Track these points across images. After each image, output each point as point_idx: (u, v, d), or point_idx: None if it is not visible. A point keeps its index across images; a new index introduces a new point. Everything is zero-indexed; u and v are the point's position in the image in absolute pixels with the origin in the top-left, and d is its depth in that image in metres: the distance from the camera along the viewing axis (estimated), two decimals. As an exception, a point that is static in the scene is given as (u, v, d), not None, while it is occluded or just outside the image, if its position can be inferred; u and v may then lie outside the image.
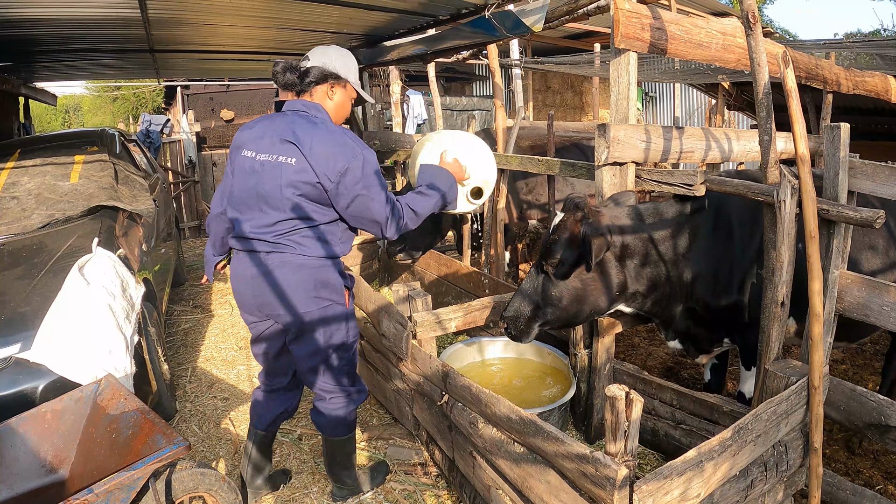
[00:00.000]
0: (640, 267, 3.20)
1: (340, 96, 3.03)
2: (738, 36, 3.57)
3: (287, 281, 2.91)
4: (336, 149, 2.80)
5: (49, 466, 2.85)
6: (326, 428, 3.25)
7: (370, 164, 2.86)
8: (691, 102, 14.96)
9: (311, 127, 2.86)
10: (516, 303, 3.21)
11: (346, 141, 2.85)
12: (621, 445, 2.12)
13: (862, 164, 2.80)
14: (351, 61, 3.03)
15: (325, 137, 2.83)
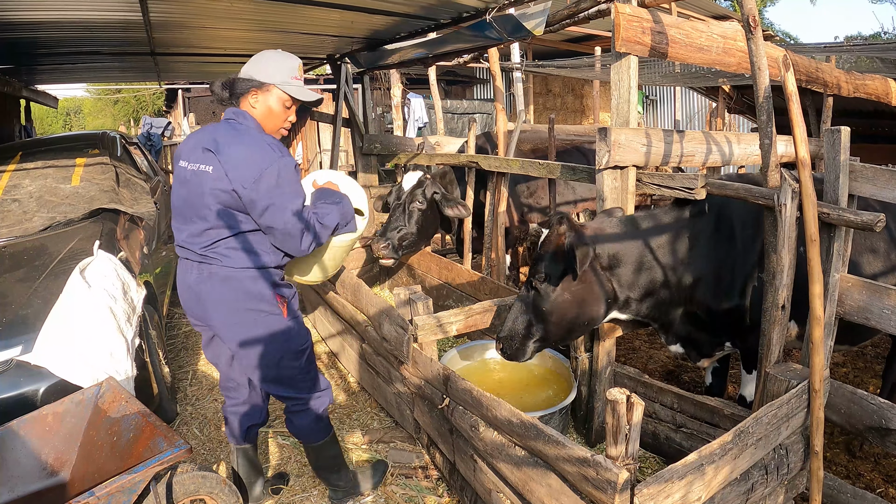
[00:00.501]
0: (633, 274, 3.20)
1: (263, 103, 2.90)
2: (739, 39, 3.57)
3: (215, 294, 2.89)
4: (250, 155, 2.74)
5: (50, 469, 2.85)
6: (301, 435, 3.25)
7: (286, 171, 2.76)
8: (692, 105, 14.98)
9: (231, 134, 2.81)
10: (510, 322, 3.19)
11: (263, 147, 2.77)
12: (622, 449, 2.13)
13: (862, 168, 2.81)
14: (276, 64, 2.90)
15: (241, 144, 2.78)
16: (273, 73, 2.87)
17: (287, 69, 2.90)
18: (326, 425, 3.26)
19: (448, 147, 7.22)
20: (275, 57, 2.91)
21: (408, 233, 5.37)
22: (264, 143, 2.80)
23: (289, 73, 2.90)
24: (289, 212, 2.75)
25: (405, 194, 5.43)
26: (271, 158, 2.73)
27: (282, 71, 2.88)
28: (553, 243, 3.08)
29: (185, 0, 4.05)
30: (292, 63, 2.92)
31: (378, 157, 7.08)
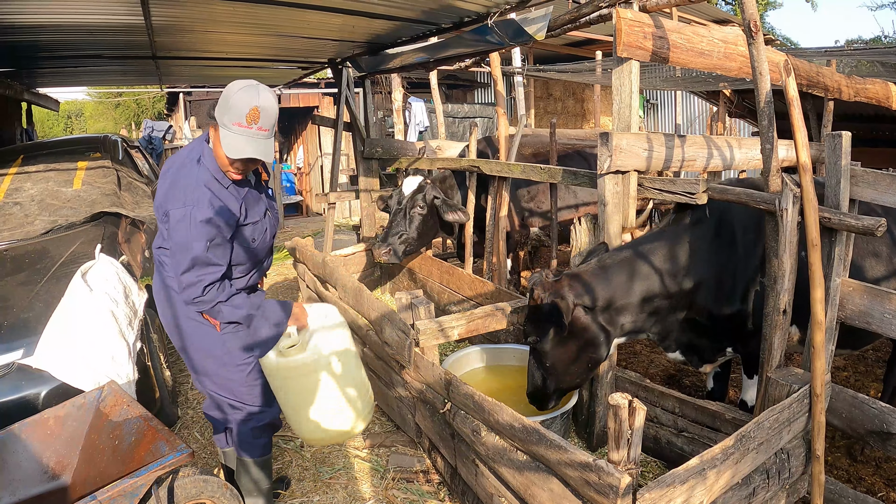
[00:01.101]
0: (623, 307, 3.23)
1: (213, 138, 2.72)
2: (740, 44, 3.58)
3: (159, 299, 2.98)
4: (172, 179, 2.75)
5: (51, 473, 2.85)
6: (236, 444, 3.17)
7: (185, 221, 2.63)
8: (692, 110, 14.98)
9: (182, 160, 2.81)
10: (530, 380, 3.34)
11: (182, 187, 2.69)
12: (624, 453, 2.13)
13: (863, 173, 2.81)
14: (229, 101, 2.62)
15: (176, 175, 2.77)
16: (220, 112, 2.65)
17: (231, 112, 2.61)
18: (265, 444, 3.17)
19: (449, 151, 7.24)
20: (227, 94, 2.64)
21: (408, 237, 5.39)
22: (190, 179, 2.69)
23: (233, 118, 2.60)
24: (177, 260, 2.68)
25: (406, 199, 5.44)
26: (183, 200, 2.65)
27: (228, 112, 2.61)
28: (533, 309, 3.19)
29: (187, 4, 4.06)
30: (241, 105, 2.60)
31: (379, 161, 7.09)
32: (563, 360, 3.19)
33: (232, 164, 2.69)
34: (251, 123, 2.61)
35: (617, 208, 3.41)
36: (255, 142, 2.65)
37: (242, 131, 2.61)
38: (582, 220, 3.76)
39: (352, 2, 4.17)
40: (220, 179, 2.74)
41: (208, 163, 2.73)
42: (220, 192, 2.73)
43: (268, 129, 2.69)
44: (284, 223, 13.78)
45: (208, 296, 2.69)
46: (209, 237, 2.64)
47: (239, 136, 2.61)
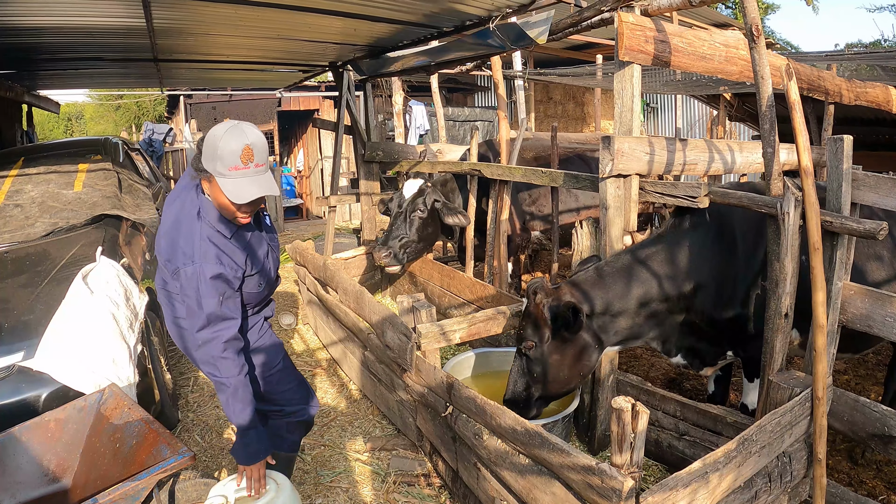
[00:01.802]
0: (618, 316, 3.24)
1: (210, 191, 2.61)
2: (741, 48, 3.58)
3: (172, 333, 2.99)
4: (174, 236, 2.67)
5: (52, 475, 2.85)
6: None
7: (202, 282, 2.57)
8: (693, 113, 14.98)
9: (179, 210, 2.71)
10: (511, 386, 3.30)
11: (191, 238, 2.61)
12: (627, 457, 2.12)
13: (865, 176, 2.82)
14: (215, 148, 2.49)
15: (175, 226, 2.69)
16: (209, 161, 2.52)
17: (224, 158, 2.47)
18: (294, 442, 3.28)
19: (450, 155, 7.23)
20: (213, 140, 2.50)
21: (409, 241, 5.39)
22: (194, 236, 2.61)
23: (227, 164, 2.48)
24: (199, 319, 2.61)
25: (406, 202, 5.45)
26: (190, 258, 2.59)
27: (220, 160, 2.48)
28: (532, 314, 3.18)
29: (188, 7, 4.06)
30: (231, 149, 2.47)
31: (380, 165, 7.09)
32: (557, 368, 3.18)
33: (239, 209, 2.58)
34: (248, 163, 2.49)
35: (619, 212, 3.41)
36: (258, 179, 2.54)
37: (242, 174, 2.49)
38: (583, 224, 3.77)
39: (354, 5, 4.18)
40: (223, 231, 2.66)
41: (209, 216, 2.64)
42: (226, 245, 2.66)
43: (264, 163, 2.57)
44: (284, 227, 13.78)
45: (228, 353, 2.64)
46: (221, 292, 2.60)
47: (240, 179, 2.50)
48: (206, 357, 2.67)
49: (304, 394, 3.18)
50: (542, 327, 3.14)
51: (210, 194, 2.62)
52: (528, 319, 3.21)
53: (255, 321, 3.02)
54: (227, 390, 2.67)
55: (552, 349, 3.15)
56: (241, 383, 2.67)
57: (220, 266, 2.59)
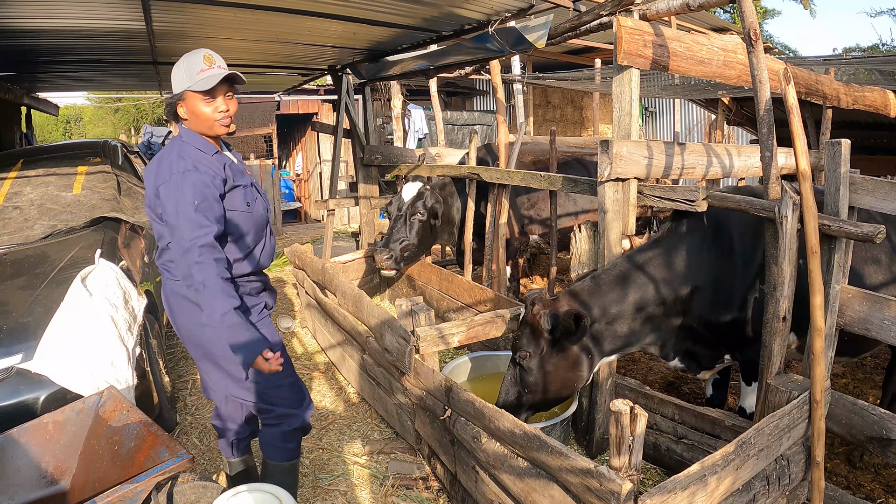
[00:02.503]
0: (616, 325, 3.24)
1: (187, 111, 2.78)
2: (739, 52, 3.60)
3: (173, 308, 2.91)
4: (157, 170, 2.74)
5: (50, 478, 2.85)
6: (263, 448, 3.12)
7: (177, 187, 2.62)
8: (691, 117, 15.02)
9: (161, 152, 2.83)
10: (503, 395, 3.28)
11: (166, 164, 2.71)
12: (625, 460, 2.13)
13: (863, 180, 2.83)
14: (180, 72, 2.74)
15: (157, 160, 2.79)
16: (180, 81, 2.74)
17: (190, 69, 2.72)
18: (294, 448, 3.13)
19: (449, 158, 7.24)
20: (179, 66, 2.76)
21: (409, 244, 5.41)
22: (171, 157, 2.73)
23: (194, 71, 2.71)
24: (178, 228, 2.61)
25: (406, 205, 5.46)
26: (168, 173, 2.67)
27: (187, 73, 2.72)
28: (529, 324, 3.17)
29: (188, 10, 4.06)
30: (195, 59, 2.73)
31: (379, 168, 7.09)
32: (551, 378, 3.17)
33: (213, 101, 2.76)
34: (211, 65, 2.74)
35: (617, 215, 3.42)
36: (223, 72, 2.75)
37: (208, 72, 2.71)
38: (582, 228, 3.78)
39: (353, 9, 4.19)
40: (204, 148, 2.78)
41: (188, 138, 2.79)
42: (205, 158, 2.76)
43: (225, 67, 2.80)
44: (283, 230, 13.78)
45: (203, 258, 2.55)
46: (197, 198, 2.62)
47: (207, 75, 2.71)
48: (184, 270, 2.63)
49: (296, 396, 3.06)
50: (538, 337, 3.14)
51: (187, 115, 2.79)
52: (524, 329, 3.21)
53: (256, 303, 2.98)
54: (205, 292, 2.57)
55: (547, 359, 3.15)
56: (220, 285, 2.57)
57: (196, 173, 2.66)
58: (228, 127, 2.85)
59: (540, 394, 3.21)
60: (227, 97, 2.82)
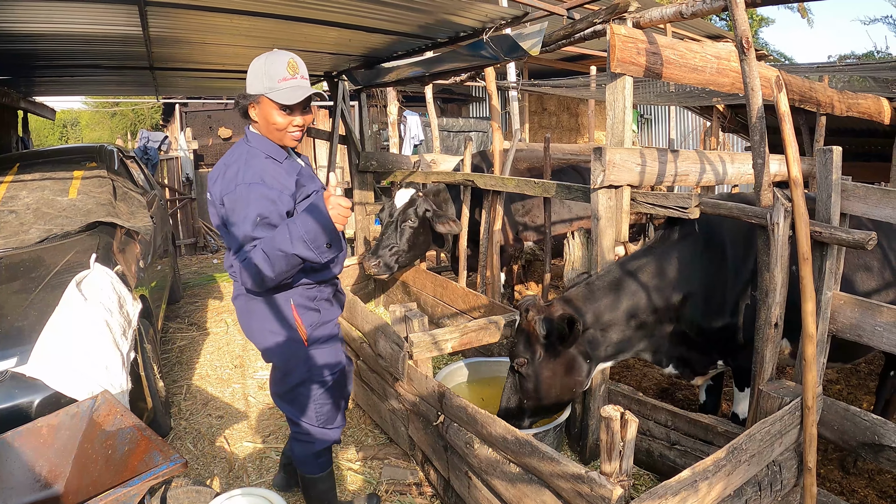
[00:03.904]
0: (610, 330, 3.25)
1: (260, 115, 2.71)
2: (733, 60, 3.62)
3: (241, 313, 2.93)
4: (222, 174, 2.71)
5: (44, 481, 2.84)
6: (297, 462, 3.19)
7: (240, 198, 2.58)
8: (686, 124, 15.07)
9: (227, 156, 2.79)
10: (504, 403, 3.29)
11: (233, 171, 2.66)
12: (616, 465, 2.14)
13: (854, 187, 2.84)
14: (260, 72, 2.65)
15: (224, 166, 2.74)
16: (259, 84, 2.65)
17: (273, 74, 2.63)
18: (325, 462, 3.17)
19: (444, 165, 7.26)
20: (259, 65, 2.66)
21: (399, 250, 5.42)
22: (238, 165, 2.67)
23: (275, 78, 2.62)
24: (234, 242, 2.62)
25: (397, 212, 5.48)
26: (234, 183, 2.61)
27: (268, 77, 2.63)
28: (524, 331, 3.17)
29: (185, 15, 4.07)
30: (279, 64, 2.63)
31: (374, 175, 7.11)
32: (549, 384, 3.17)
33: (290, 115, 2.69)
34: (294, 74, 2.65)
35: (610, 222, 3.43)
36: (305, 86, 2.68)
37: (291, 83, 2.64)
38: (575, 234, 3.79)
39: (349, 16, 4.20)
40: (274, 155, 2.73)
41: (258, 144, 2.73)
42: (275, 169, 2.69)
43: (307, 78, 2.74)
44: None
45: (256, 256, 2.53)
46: (261, 212, 2.55)
47: (290, 86, 2.63)
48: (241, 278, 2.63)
49: (331, 417, 3.08)
50: (534, 343, 3.14)
51: (258, 119, 2.72)
52: (520, 336, 3.21)
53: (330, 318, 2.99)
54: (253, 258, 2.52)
55: (544, 365, 3.15)
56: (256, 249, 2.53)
57: (263, 186, 2.59)
58: (299, 141, 2.80)
59: (539, 400, 3.21)
60: (305, 112, 2.76)
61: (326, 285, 2.97)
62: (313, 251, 2.46)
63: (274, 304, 2.81)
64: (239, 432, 4.43)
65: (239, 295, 2.91)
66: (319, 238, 2.45)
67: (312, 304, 2.89)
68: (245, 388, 5.19)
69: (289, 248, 2.44)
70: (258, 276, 2.54)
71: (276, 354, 2.91)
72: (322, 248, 2.48)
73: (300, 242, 2.44)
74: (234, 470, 3.93)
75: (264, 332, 2.86)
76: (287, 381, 2.97)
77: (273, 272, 2.51)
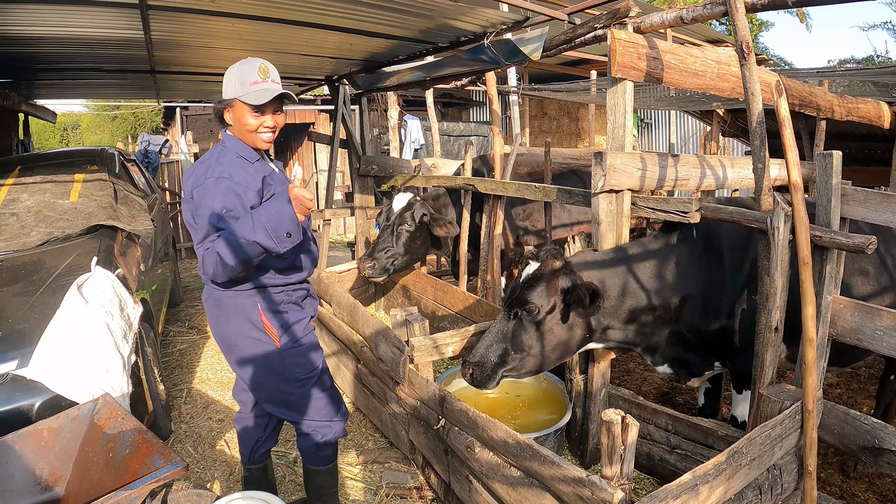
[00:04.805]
0: (617, 305, 3.24)
1: (233, 118, 2.81)
2: (733, 65, 3.63)
3: (211, 314, 2.94)
4: (192, 174, 2.77)
5: (45, 484, 2.84)
6: (302, 453, 3.20)
7: (208, 191, 2.64)
8: (686, 129, 15.09)
9: (203, 156, 2.85)
10: (483, 349, 3.16)
11: (204, 167, 2.74)
12: (617, 469, 2.14)
13: (854, 191, 2.85)
14: (233, 77, 2.75)
15: (198, 163, 2.81)
16: (232, 88, 2.75)
17: (243, 78, 2.73)
18: (330, 455, 3.17)
19: (444, 169, 7.26)
20: (232, 72, 2.76)
21: (395, 253, 5.45)
22: (209, 162, 2.75)
23: (246, 82, 2.72)
24: (199, 232, 2.66)
25: (394, 215, 5.50)
26: (204, 177, 2.69)
27: (240, 82, 2.73)
28: (546, 279, 3.10)
29: (186, 19, 4.08)
30: (250, 69, 2.73)
31: (375, 179, 7.11)
32: (548, 341, 3.09)
33: (261, 116, 2.77)
34: (265, 77, 2.74)
35: (610, 227, 3.44)
36: (276, 88, 2.75)
37: (261, 86, 2.72)
38: (576, 239, 3.79)
39: (351, 20, 4.21)
40: (246, 156, 2.81)
41: (230, 144, 2.82)
42: (244, 166, 2.78)
43: (279, 82, 2.80)
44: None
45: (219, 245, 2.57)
46: (226, 204, 2.62)
47: (260, 89, 2.71)
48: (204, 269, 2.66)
49: (331, 409, 3.09)
50: (552, 297, 3.06)
51: (233, 122, 2.82)
52: (538, 284, 3.10)
53: (300, 317, 3.00)
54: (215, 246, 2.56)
55: (553, 322, 3.07)
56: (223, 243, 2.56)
57: (229, 180, 2.67)
58: (270, 142, 2.88)
59: (528, 356, 3.11)
60: (276, 114, 2.84)
61: (294, 289, 2.99)
62: (273, 240, 2.52)
63: (241, 310, 2.85)
64: (239, 436, 4.42)
65: (208, 298, 2.93)
66: (280, 227, 2.52)
67: (279, 306, 2.93)
68: (245, 391, 5.19)
69: (250, 235, 2.51)
70: (220, 265, 2.58)
71: (250, 362, 2.91)
72: (282, 237, 2.54)
73: (261, 230, 2.51)
74: (235, 473, 3.93)
75: (235, 339, 2.89)
76: (268, 387, 2.97)
77: (234, 260, 2.56)
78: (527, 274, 3.20)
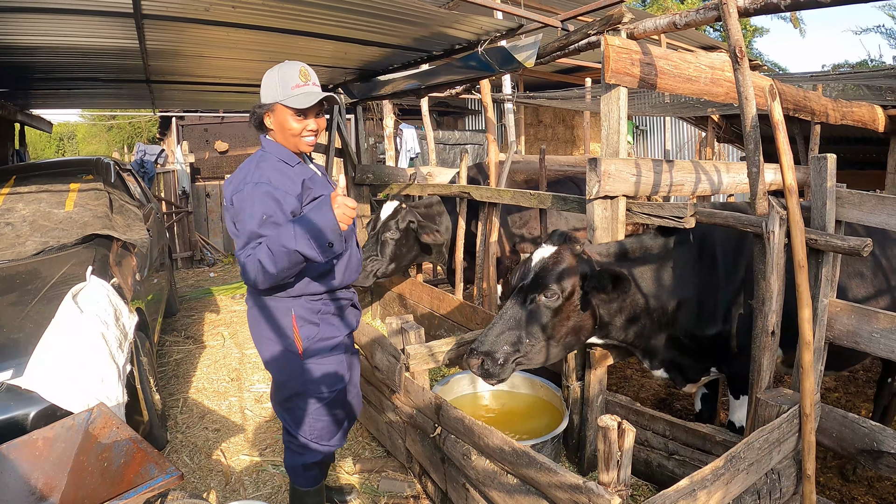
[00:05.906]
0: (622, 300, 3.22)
1: (275, 122, 2.80)
2: (727, 70, 3.64)
3: (251, 319, 2.96)
4: (233, 180, 2.78)
5: (39, 494, 2.83)
6: (287, 471, 3.18)
7: (248, 196, 2.64)
8: (681, 135, 15.12)
9: (244, 163, 2.86)
10: (493, 336, 2.98)
11: (243, 173, 2.75)
12: (614, 475, 2.13)
13: (849, 194, 2.86)
14: (274, 80, 2.75)
15: (238, 170, 2.81)
16: (272, 92, 2.75)
17: (285, 82, 2.73)
18: (314, 477, 3.15)
19: (440, 177, 7.27)
20: (272, 75, 2.76)
21: (379, 260, 5.47)
22: (249, 168, 2.75)
23: (288, 85, 2.72)
24: (240, 239, 2.65)
25: (380, 223, 5.53)
26: (243, 183, 2.69)
27: (281, 86, 2.73)
28: (566, 263, 3.01)
29: (181, 29, 4.09)
30: (290, 73, 2.73)
31: (370, 188, 7.12)
32: (563, 329, 3.01)
33: (304, 120, 2.77)
34: (307, 81, 2.76)
35: (606, 233, 3.44)
36: (317, 91, 2.78)
37: (303, 89, 2.73)
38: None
39: (345, 29, 4.22)
40: (286, 159, 2.80)
41: (270, 149, 2.81)
42: (285, 171, 2.76)
43: (318, 85, 2.83)
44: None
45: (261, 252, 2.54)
46: (266, 211, 2.60)
47: (303, 93, 2.73)
48: (245, 278, 2.64)
49: (329, 433, 3.05)
50: (570, 280, 2.99)
51: (274, 126, 2.81)
52: (557, 267, 3.00)
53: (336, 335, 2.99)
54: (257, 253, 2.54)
55: (571, 309, 2.99)
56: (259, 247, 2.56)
57: (269, 185, 2.65)
58: (312, 145, 2.89)
59: (541, 344, 2.98)
60: (318, 117, 2.85)
61: (333, 298, 2.97)
62: (315, 249, 2.49)
63: (276, 314, 2.84)
64: (235, 445, 4.41)
65: (251, 304, 2.95)
66: (322, 236, 2.49)
67: (315, 316, 2.89)
68: (242, 401, 5.17)
69: (292, 244, 2.48)
70: (261, 273, 2.56)
71: (273, 363, 2.93)
72: (324, 246, 2.51)
73: (303, 239, 2.48)
74: (231, 483, 3.91)
75: (263, 340, 2.90)
76: (282, 391, 2.98)
77: (275, 268, 2.53)
78: (542, 257, 3.07)
